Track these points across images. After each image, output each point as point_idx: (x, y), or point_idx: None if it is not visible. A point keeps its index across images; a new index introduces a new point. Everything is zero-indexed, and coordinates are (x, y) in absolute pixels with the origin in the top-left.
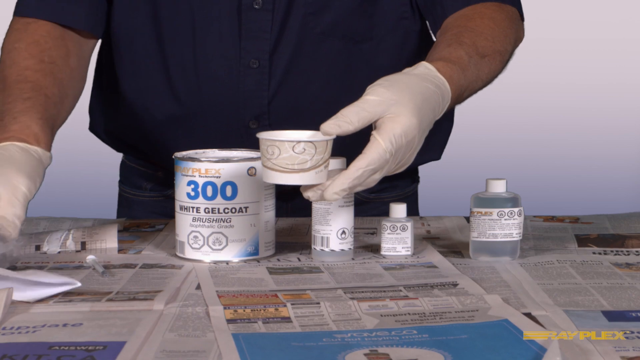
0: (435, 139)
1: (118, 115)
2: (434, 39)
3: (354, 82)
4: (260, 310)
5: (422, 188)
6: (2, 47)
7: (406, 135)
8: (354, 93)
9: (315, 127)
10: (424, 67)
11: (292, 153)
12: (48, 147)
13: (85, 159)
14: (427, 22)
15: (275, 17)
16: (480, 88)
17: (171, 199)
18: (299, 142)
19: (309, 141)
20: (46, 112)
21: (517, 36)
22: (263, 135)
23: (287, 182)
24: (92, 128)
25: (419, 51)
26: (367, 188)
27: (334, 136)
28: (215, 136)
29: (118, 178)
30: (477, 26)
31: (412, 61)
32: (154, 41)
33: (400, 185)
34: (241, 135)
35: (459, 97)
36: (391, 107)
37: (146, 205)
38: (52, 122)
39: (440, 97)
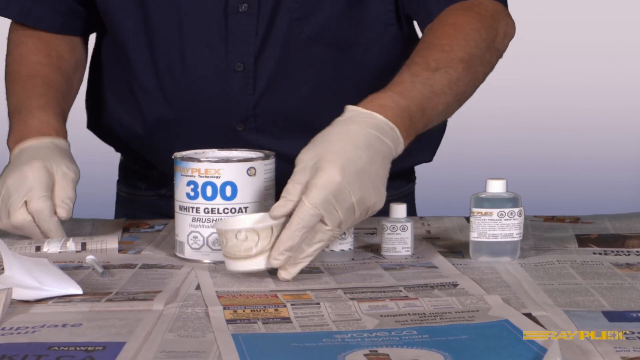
0: (427, 141)
1: (112, 114)
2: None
3: (341, 87)
4: (260, 310)
5: (422, 188)
6: (9, 41)
7: (326, 185)
8: (341, 98)
9: (302, 131)
10: (351, 111)
11: (235, 241)
12: (66, 138)
13: (83, 159)
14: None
15: (260, 21)
16: (457, 98)
17: (165, 197)
18: (239, 230)
19: (250, 229)
20: (59, 107)
21: (496, 33)
22: (217, 225)
23: (239, 268)
24: (90, 126)
25: (406, 57)
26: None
27: (280, 220)
28: (204, 138)
29: (115, 177)
30: (435, 38)
31: (398, 67)
32: (145, 43)
33: (394, 185)
34: (229, 139)
35: (422, 118)
36: (314, 167)
37: (141, 204)
38: (64, 115)
39: (375, 128)
